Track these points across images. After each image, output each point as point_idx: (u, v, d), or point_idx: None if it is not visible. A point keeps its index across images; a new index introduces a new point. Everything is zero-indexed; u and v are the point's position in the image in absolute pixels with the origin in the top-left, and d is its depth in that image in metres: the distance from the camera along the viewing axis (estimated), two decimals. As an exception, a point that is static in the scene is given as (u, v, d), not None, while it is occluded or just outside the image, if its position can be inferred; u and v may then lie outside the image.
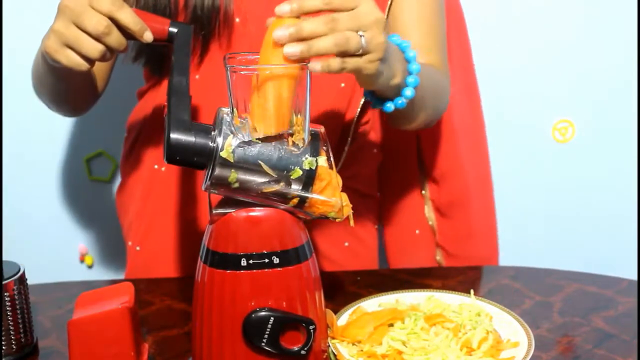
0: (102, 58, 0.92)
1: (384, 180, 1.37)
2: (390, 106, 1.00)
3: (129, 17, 0.91)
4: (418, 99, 1.04)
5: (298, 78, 0.83)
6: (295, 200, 0.85)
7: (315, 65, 0.84)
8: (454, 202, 1.38)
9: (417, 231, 1.40)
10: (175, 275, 1.26)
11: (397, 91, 0.99)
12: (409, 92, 0.99)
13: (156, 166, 1.23)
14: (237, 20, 1.14)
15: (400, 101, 1.00)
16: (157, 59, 1.19)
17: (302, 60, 0.84)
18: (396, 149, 1.36)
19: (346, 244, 1.30)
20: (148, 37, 0.94)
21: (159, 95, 1.23)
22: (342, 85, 1.20)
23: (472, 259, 1.40)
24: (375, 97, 1.02)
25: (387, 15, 1.17)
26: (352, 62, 0.87)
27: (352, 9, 0.85)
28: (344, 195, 0.88)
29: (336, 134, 1.22)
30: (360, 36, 0.85)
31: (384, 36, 0.88)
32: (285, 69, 0.83)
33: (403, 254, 1.40)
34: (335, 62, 0.86)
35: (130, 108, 1.34)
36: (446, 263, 1.40)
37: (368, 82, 0.93)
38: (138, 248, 1.29)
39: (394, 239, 1.40)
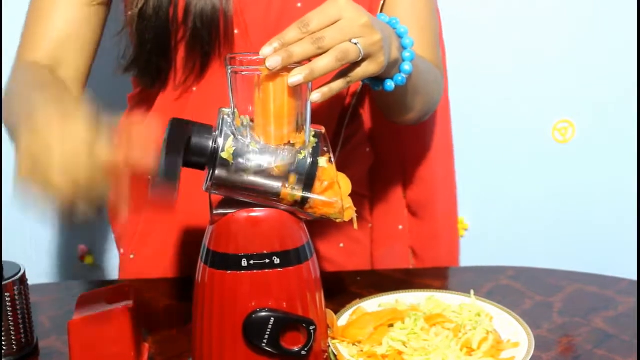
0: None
1: (371, 178, 1.38)
2: (390, 84, 0.98)
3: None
4: (414, 81, 1.04)
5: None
6: (296, 201, 0.85)
7: (315, 96, 0.84)
8: (422, 202, 1.40)
9: (400, 227, 1.40)
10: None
11: (395, 68, 0.97)
12: (407, 66, 0.97)
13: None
14: (237, 32, 1.12)
15: (400, 77, 0.98)
16: (150, 73, 1.15)
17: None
18: (383, 148, 1.36)
19: (341, 245, 1.30)
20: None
21: (154, 103, 1.20)
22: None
23: (433, 260, 1.41)
24: (373, 79, 1.01)
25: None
26: (356, 74, 0.87)
27: (335, 22, 0.84)
28: (348, 199, 0.88)
29: (328, 134, 1.22)
30: (356, 44, 0.84)
31: (378, 32, 0.87)
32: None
33: (385, 250, 1.40)
34: (337, 84, 0.86)
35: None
36: (415, 262, 1.41)
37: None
38: (132, 256, 1.27)
39: (378, 236, 1.41)
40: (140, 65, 1.14)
